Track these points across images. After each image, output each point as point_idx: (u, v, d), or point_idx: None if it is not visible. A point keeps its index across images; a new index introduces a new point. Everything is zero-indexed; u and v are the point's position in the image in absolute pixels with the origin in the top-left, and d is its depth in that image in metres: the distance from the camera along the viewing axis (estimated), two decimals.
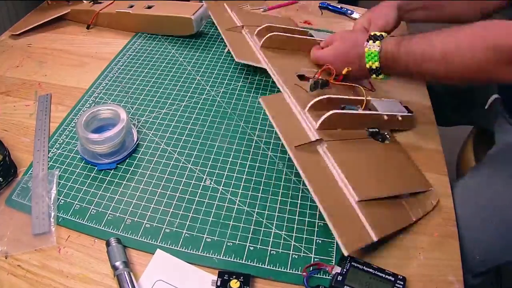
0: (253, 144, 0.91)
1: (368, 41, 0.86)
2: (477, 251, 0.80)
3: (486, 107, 1.06)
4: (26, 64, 1.15)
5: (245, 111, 0.99)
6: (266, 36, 1.06)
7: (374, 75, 0.89)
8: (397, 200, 0.77)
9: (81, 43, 1.23)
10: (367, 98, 0.90)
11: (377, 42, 0.85)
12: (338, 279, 0.67)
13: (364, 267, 0.68)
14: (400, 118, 0.92)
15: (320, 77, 0.93)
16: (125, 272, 0.66)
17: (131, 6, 1.25)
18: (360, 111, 0.88)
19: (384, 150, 0.87)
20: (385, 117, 0.90)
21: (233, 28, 1.18)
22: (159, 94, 1.04)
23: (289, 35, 1.08)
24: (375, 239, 0.69)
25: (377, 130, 0.89)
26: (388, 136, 0.89)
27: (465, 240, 0.77)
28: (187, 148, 0.90)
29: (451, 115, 1.19)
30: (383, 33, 0.86)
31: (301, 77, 0.97)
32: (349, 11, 1.39)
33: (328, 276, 0.69)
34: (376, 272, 0.68)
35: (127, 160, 0.87)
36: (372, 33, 0.87)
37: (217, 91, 1.05)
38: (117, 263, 0.67)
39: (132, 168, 0.86)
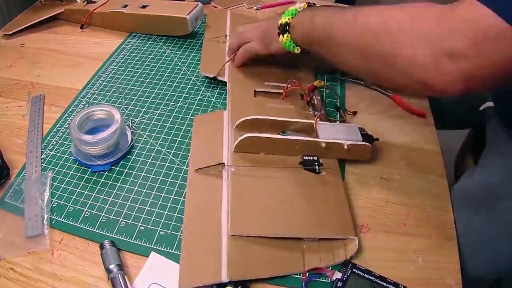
0: None
1: (279, 35, 0.86)
2: (479, 261, 0.79)
3: (480, 109, 1.06)
4: (19, 65, 1.14)
5: None
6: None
7: (280, 33, 0.86)
8: (297, 242, 0.70)
9: (74, 43, 1.22)
10: (309, 121, 0.83)
11: (286, 35, 0.84)
12: (338, 285, 0.66)
13: (365, 274, 0.68)
14: (346, 147, 0.80)
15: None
16: (119, 275, 0.66)
17: (125, 6, 1.24)
18: (280, 136, 0.80)
19: (309, 182, 0.78)
20: (323, 145, 0.79)
21: (216, 38, 1.17)
22: (154, 94, 1.03)
23: None
24: (224, 279, 0.64)
25: (314, 158, 0.80)
26: (320, 167, 0.79)
27: (465, 251, 0.77)
28: (182, 150, 0.89)
29: (450, 117, 1.18)
30: (288, 19, 0.84)
31: (258, 94, 0.95)
32: None
33: (327, 280, 0.68)
34: (377, 280, 0.67)
35: (121, 162, 0.86)
36: (282, 21, 0.85)
37: (213, 91, 1.04)
38: (111, 266, 0.67)
39: (126, 170, 0.85)
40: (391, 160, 0.87)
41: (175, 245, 0.73)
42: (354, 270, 0.68)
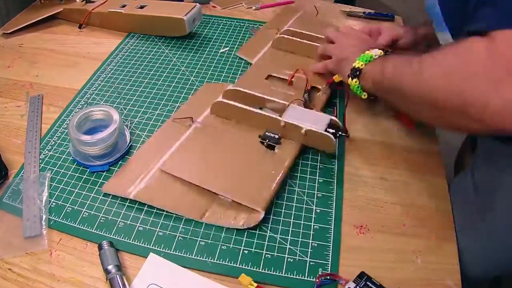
0: None
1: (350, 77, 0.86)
2: (477, 260, 0.79)
3: None
4: (18, 65, 1.13)
5: None
6: (276, 37, 1.10)
7: (351, 79, 0.86)
8: (211, 195, 0.78)
9: (73, 43, 1.22)
10: (285, 102, 0.89)
11: (355, 79, 0.85)
12: None
13: None
14: (303, 132, 0.83)
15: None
16: (118, 276, 0.65)
17: (124, 6, 1.24)
18: (246, 107, 0.88)
19: (257, 155, 0.84)
20: (282, 123, 0.84)
21: (271, 30, 1.22)
22: (152, 95, 1.03)
23: (297, 39, 1.08)
24: (131, 196, 0.77)
25: (275, 136, 0.85)
26: (277, 145, 0.84)
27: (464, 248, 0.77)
28: None
29: None
30: (361, 63, 0.84)
31: (271, 77, 1.02)
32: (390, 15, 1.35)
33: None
34: None
35: (120, 162, 0.86)
36: (355, 65, 0.85)
37: None
38: (110, 267, 0.66)
39: None
40: (391, 160, 0.87)
41: (173, 246, 0.72)
42: (368, 283, 0.67)
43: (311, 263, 0.71)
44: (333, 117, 0.85)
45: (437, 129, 0.94)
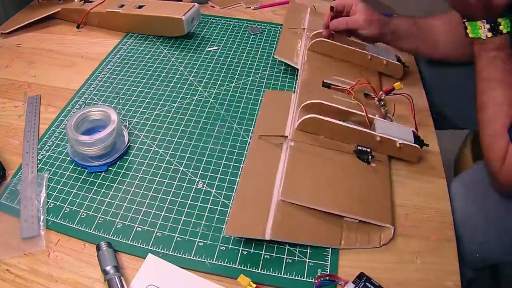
0: (246, 146, 0.90)
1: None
2: (475, 248, 0.80)
3: None
4: (15, 64, 1.13)
5: (238, 113, 0.98)
6: (315, 40, 1.07)
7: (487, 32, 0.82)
8: (338, 219, 0.75)
9: (71, 43, 1.22)
10: (368, 115, 0.86)
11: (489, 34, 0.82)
12: None
13: None
14: (398, 145, 0.83)
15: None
16: (116, 277, 0.65)
17: (122, 6, 1.24)
18: (344, 123, 0.84)
19: (360, 170, 0.82)
20: (378, 138, 0.83)
21: (295, 29, 1.21)
22: (151, 95, 1.03)
23: (337, 43, 1.06)
24: (267, 236, 0.70)
25: (368, 150, 0.84)
26: (371, 158, 0.83)
27: (463, 236, 0.77)
28: (179, 150, 0.89)
29: (451, 118, 1.17)
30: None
31: (326, 85, 0.98)
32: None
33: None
34: None
35: (118, 163, 0.86)
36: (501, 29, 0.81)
37: (210, 92, 1.04)
38: (108, 268, 0.66)
39: (123, 171, 0.84)
40: (390, 161, 0.87)
41: (172, 247, 0.72)
42: (367, 284, 0.67)
43: (310, 263, 0.70)
44: (413, 130, 0.87)
45: (437, 129, 0.95)
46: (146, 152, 0.88)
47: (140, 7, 1.22)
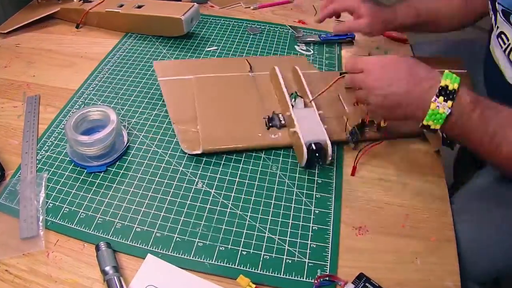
0: None
1: (438, 96, 0.71)
2: (484, 263, 0.79)
3: None
4: (14, 64, 1.13)
5: None
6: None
7: (423, 129, 0.76)
8: None
9: (70, 43, 1.22)
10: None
11: (449, 102, 0.71)
12: None
13: None
14: (291, 131, 0.88)
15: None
16: (115, 277, 0.65)
17: (121, 6, 1.24)
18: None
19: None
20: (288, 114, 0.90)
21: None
22: (150, 95, 1.03)
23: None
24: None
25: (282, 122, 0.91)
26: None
27: (471, 251, 0.77)
28: (178, 150, 0.88)
29: None
30: (455, 85, 0.71)
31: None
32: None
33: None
34: None
35: (117, 163, 0.86)
36: (443, 84, 0.71)
37: None
38: (107, 268, 0.66)
39: (122, 171, 0.84)
40: (390, 161, 0.87)
41: (171, 247, 0.72)
42: (367, 284, 0.67)
43: (309, 264, 0.70)
44: (320, 141, 0.82)
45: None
46: (145, 152, 0.88)
47: (139, 7, 1.22)
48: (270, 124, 0.91)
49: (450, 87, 0.71)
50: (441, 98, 0.71)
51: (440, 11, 1.04)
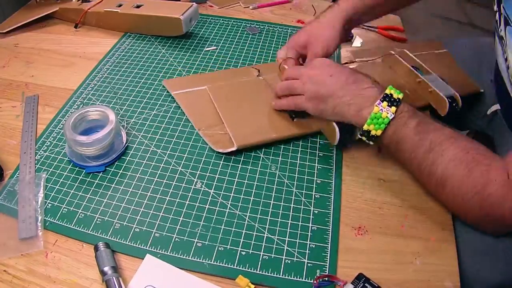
0: None
1: (382, 101, 0.73)
2: (482, 274, 0.78)
3: (488, 113, 1.04)
4: (13, 64, 1.13)
5: None
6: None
7: (362, 137, 0.77)
8: None
9: (69, 43, 1.21)
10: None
11: (393, 108, 0.72)
12: None
13: None
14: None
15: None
16: (114, 278, 0.65)
17: (120, 5, 1.24)
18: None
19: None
20: None
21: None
22: (149, 95, 1.03)
23: (404, 64, 1.05)
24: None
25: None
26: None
27: (469, 262, 0.76)
28: (177, 151, 0.88)
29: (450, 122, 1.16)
30: (400, 95, 0.74)
31: None
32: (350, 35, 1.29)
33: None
34: None
35: (116, 163, 0.86)
36: (388, 91, 0.74)
37: None
38: (106, 268, 0.66)
39: (121, 171, 0.84)
40: (389, 161, 0.87)
41: (170, 247, 0.72)
42: (366, 284, 0.67)
43: (309, 264, 0.70)
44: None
45: None
46: (144, 152, 0.88)
47: (138, 6, 1.22)
48: (294, 116, 0.92)
49: (395, 96, 0.73)
50: (385, 103, 0.73)
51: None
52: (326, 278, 0.68)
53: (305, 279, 0.69)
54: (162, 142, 0.90)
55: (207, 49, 1.20)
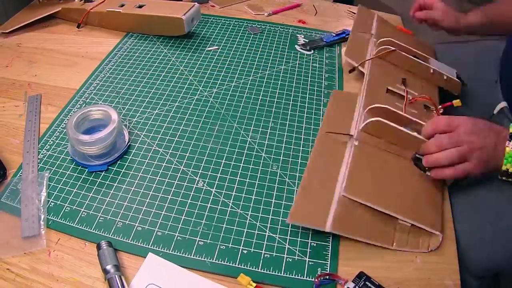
0: (247, 145, 0.90)
1: (509, 140, 0.75)
2: (483, 257, 0.79)
3: (494, 112, 1.05)
4: (16, 64, 1.13)
5: (238, 112, 0.98)
6: (381, 48, 1.08)
7: (502, 177, 0.77)
8: (392, 220, 0.75)
9: (71, 43, 1.22)
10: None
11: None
12: None
13: None
14: None
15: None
16: (116, 276, 0.65)
17: (122, 5, 1.24)
18: (404, 129, 0.83)
19: (414, 176, 0.82)
20: None
21: (363, 33, 1.23)
22: (151, 94, 1.03)
23: (405, 54, 1.07)
24: (327, 229, 0.71)
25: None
26: (428, 167, 0.80)
27: (470, 246, 0.77)
28: (180, 150, 0.89)
29: None
30: None
31: (390, 91, 0.99)
32: None
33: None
34: None
35: (118, 162, 0.86)
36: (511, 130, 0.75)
37: (210, 91, 1.04)
38: (108, 267, 0.66)
39: (123, 170, 0.85)
40: None
41: (172, 246, 0.72)
42: (367, 283, 0.67)
43: (310, 263, 0.71)
44: None
45: None
46: (146, 151, 0.88)
47: (140, 6, 1.22)
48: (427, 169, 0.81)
49: None
50: None
51: (506, 12, 1.07)
52: (327, 277, 0.68)
53: (306, 277, 0.69)
54: (164, 142, 0.91)
55: (209, 48, 1.20)
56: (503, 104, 1.01)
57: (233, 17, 1.36)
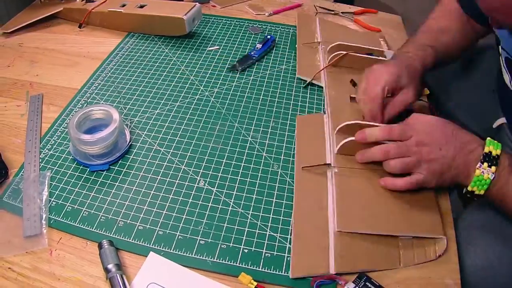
0: (248, 145, 0.90)
1: (482, 163, 0.72)
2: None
3: (494, 126, 1.04)
4: (18, 64, 1.13)
5: (239, 112, 0.99)
6: (332, 56, 1.07)
7: (467, 195, 0.75)
8: (393, 239, 0.73)
9: (73, 43, 1.22)
10: None
11: (493, 167, 0.72)
12: None
13: None
14: None
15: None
16: (118, 275, 0.65)
17: (124, 5, 1.24)
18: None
19: None
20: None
21: (310, 44, 1.21)
22: (152, 94, 1.03)
23: (357, 55, 1.07)
24: (332, 271, 0.69)
25: None
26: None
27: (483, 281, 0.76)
28: (181, 149, 0.89)
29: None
30: (498, 151, 0.72)
31: (353, 98, 0.97)
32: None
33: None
34: None
35: (120, 161, 0.86)
36: (487, 150, 0.72)
37: (211, 91, 1.04)
38: (110, 266, 0.66)
39: (124, 170, 0.85)
40: None
41: (173, 245, 0.72)
42: (367, 283, 0.67)
43: None
44: None
45: None
46: (147, 151, 0.89)
47: (141, 6, 1.23)
48: None
49: (494, 153, 0.72)
50: (486, 164, 0.72)
51: (451, 43, 1.00)
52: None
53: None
54: (165, 141, 0.91)
55: (210, 48, 1.20)
56: (502, 120, 1.01)
57: (234, 17, 1.36)
